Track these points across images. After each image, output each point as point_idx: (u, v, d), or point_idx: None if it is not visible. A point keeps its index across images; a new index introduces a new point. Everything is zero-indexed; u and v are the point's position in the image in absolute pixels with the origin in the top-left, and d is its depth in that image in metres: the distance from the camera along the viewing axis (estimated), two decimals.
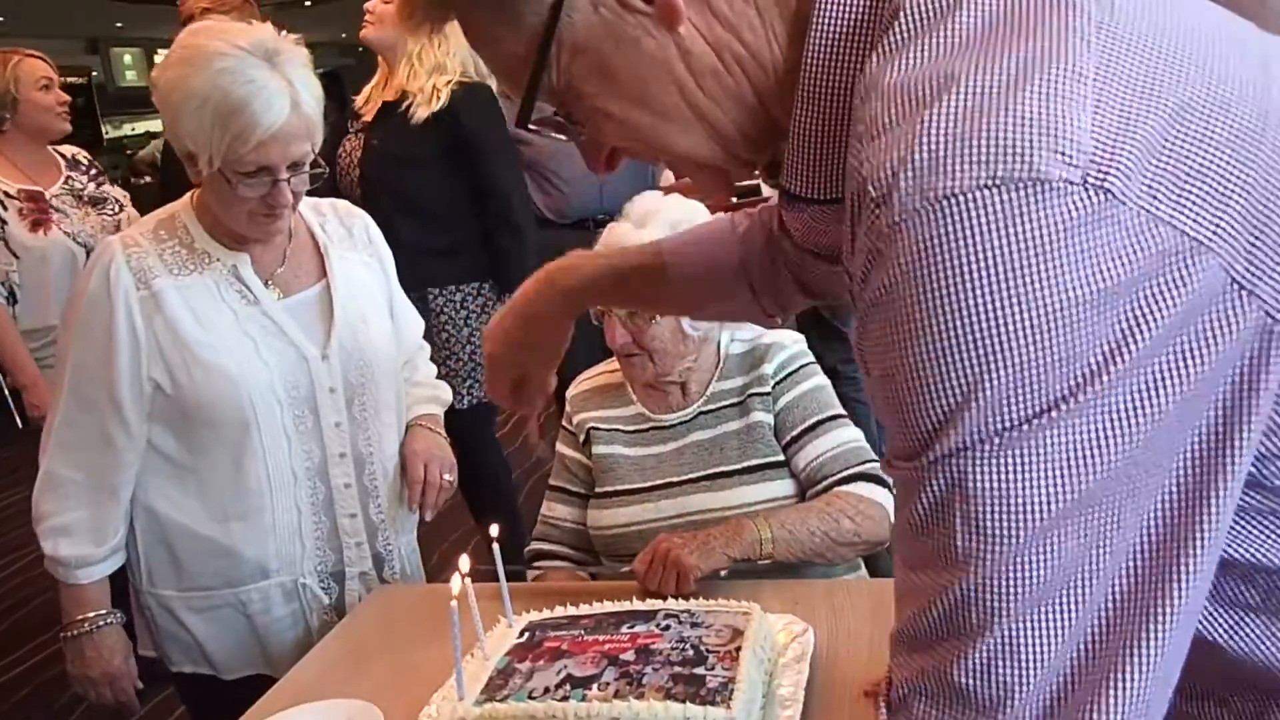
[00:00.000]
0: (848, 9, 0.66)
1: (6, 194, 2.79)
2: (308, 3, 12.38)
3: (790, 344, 1.77)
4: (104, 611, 1.61)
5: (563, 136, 0.76)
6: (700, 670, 1.22)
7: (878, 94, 0.60)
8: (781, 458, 1.70)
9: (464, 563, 1.29)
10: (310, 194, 1.65)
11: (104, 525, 1.59)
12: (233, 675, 1.67)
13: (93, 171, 3.05)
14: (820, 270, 1.00)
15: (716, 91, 0.70)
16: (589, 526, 1.76)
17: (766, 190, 3.42)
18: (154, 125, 11.42)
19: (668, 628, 1.33)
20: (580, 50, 0.69)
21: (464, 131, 2.77)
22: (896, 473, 0.61)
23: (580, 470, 1.81)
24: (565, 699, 1.19)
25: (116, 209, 2.98)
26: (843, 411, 1.73)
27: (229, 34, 1.48)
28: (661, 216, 1.67)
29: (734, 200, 1.50)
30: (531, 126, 0.74)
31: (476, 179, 2.84)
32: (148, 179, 9.02)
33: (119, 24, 13.01)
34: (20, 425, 3.07)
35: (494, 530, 1.42)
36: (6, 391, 2.97)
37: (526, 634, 1.37)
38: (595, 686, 1.21)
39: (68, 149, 3.05)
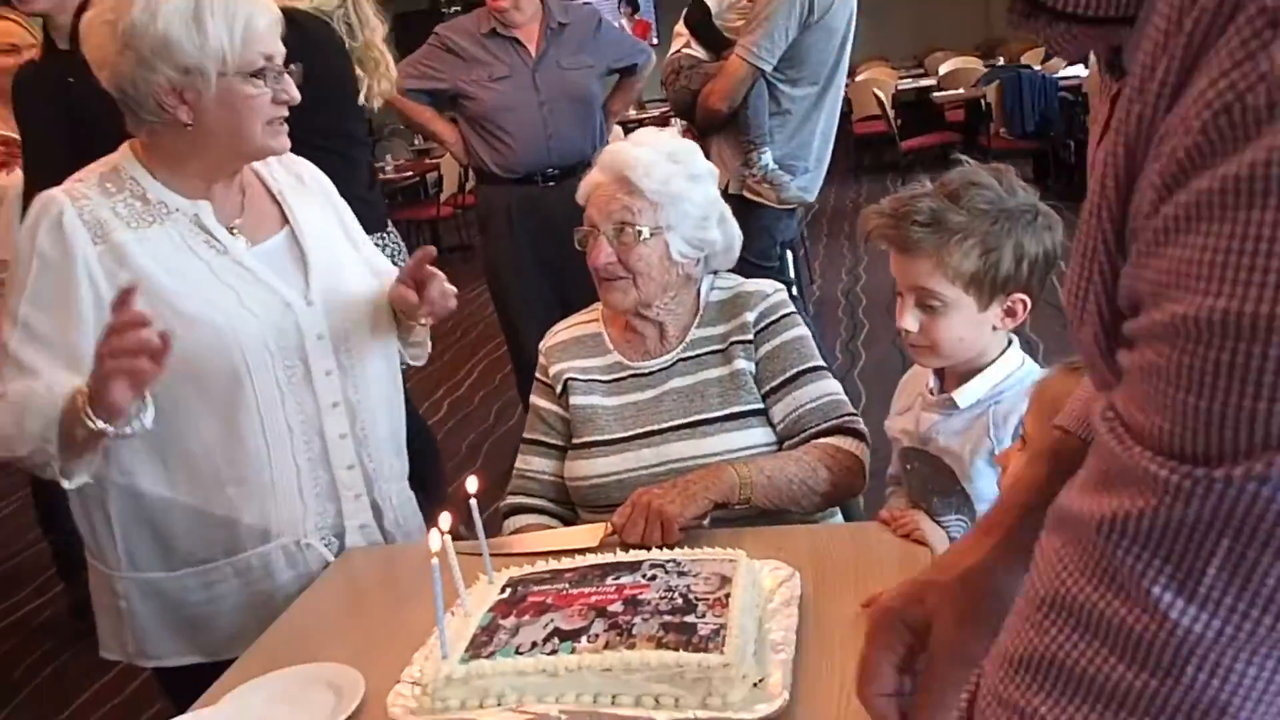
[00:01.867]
0: None
1: None
2: None
3: (772, 292, 1.74)
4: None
5: None
6: (691, 618, 1.20)
7: None
8: (762, 405, 1.68)
9: (444, 519, 1.25)
10: None
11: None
12: (229, 655, 1.48)
13: None
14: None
15: None
16: (567, 478, 1.72)
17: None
18: None
19: (654, 577, 1.31)
20: None
21: None
22: (1137, 460, 0.42)
23: (557, 422, 1.77)
24: (554, 653, 1.16)
25: None
26: (823, 363, 1.71)
27: None
28: (623, 157, 1.65)
29: None
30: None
31: None
32: None
33: None
34: None
35: (472, 485, 1.38)
36: None
37: (509, 590, 1.33)
38: (584, 639, 1.18)
39: None
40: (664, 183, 1.65)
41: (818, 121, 3.30)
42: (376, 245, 2.66)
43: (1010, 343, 1.42)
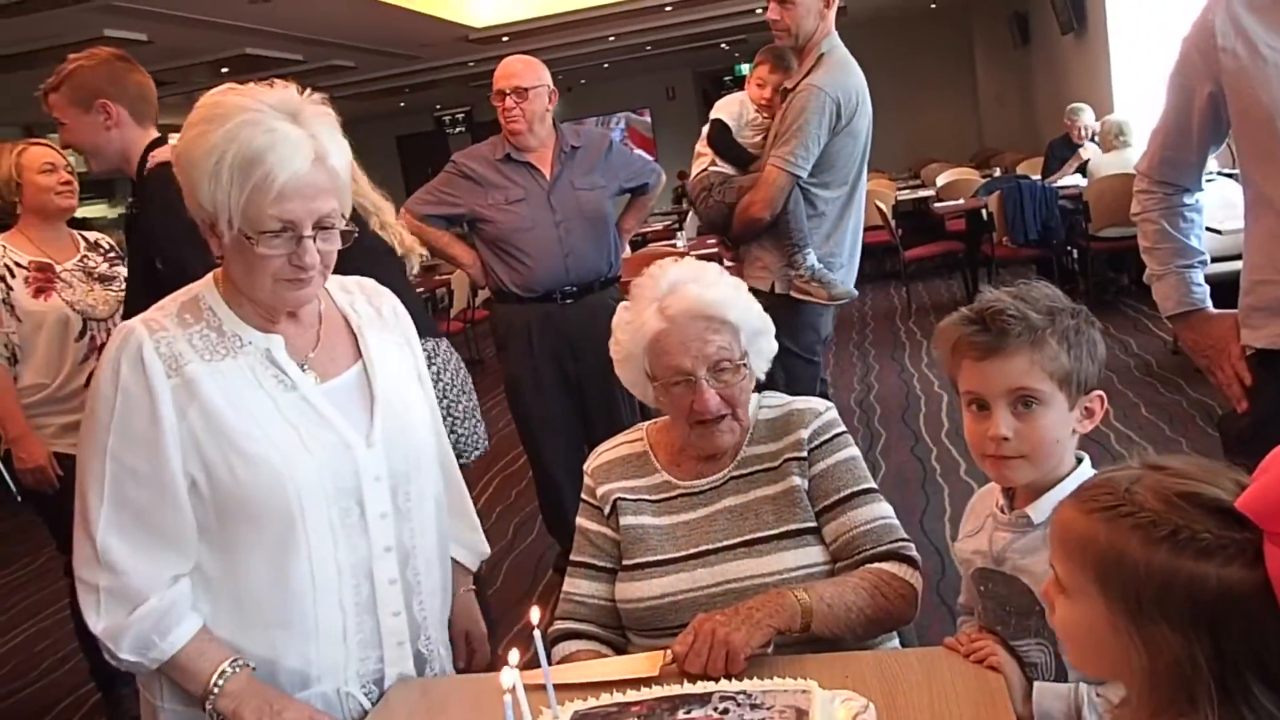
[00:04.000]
0: None
1: (17, 264, 3.03)
2: None
3: (824, 410, 1.73)
4: (226, 660, 1.41)
5: None
6: None
7: None
8: (815, 524, 1.65)
9: (514, 655, 1.21)
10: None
11: (179, 603, 1.41)
12: None
13: (111, 255, 3.26)
14: None
15: None
16: (619, 601, 1.68)
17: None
18: (92, 210, 11.26)
19: (726, 711, 1.26)
20: None
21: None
22: None
23: (605, 544, 1.73)
24: None
25: (123, 285, 3.13)
26: (875, 486, 1.69)
27: (252, 92, 1.41)
28: (697, 299, 1.66)
29: None
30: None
31: None
32: None
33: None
34: (17, 498, 3.23)
35: (534, 616, 1.34)
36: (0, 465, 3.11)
37: None
38: None
39: (92, 234, 3.32)
40: (745, 310, 1.68)
41: (849, 220, 3.41)
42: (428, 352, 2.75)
43: (1080, 460, 1.40)
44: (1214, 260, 2.32)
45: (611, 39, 12.32)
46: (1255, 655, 0.85)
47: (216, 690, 1.40)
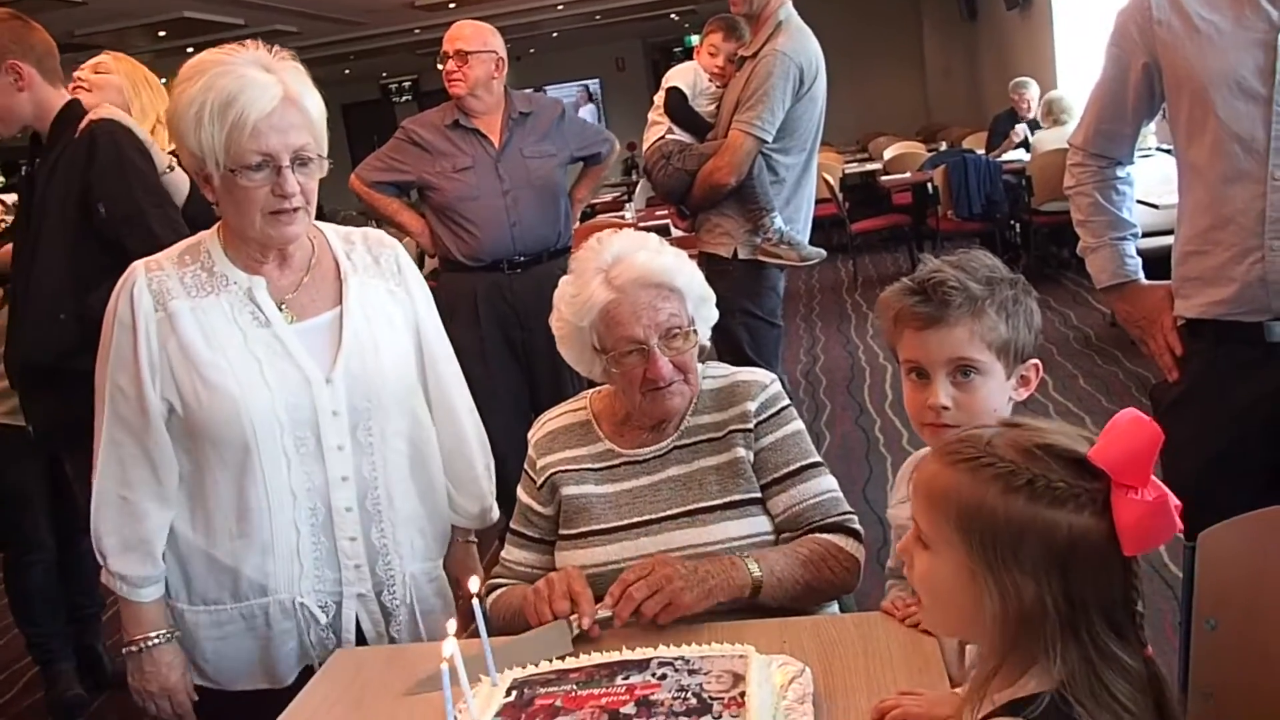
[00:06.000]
0: None
1: None
2: None
3: (769, 383, 1.74)
4: (162, 630, 1.65)
5: None
6: (708, 719, 1.17)
7: None
8: (759, 495, 1.66)
9: (451, 625, 1.21)
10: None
11: (156, 543, 1.62)
12: (235, 687, 1.70)
13: None
14: None
15: None
16: (561, 569, 1.68)
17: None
18: None
19: (664, 676, 1.28)
20: None
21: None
22: None
23: (534, 516, 1.75)
24: None
25: None
26: (821, 460, 1.71)
27: (226, 50, 1.55)
28: (645, 268, 1.64)
29: None
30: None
31: None
32: None
33: None
34: None
35: (473, 585, 1.34)
36: None
37: (515, 692, 1.29)
38: None
39: (10, 196, 3.35)
40: (690, 277, 1.68)
41: (806, 186, 3.45)
42: None
43: None
44: (1150, 235, 2.36)
45: (560, 7, 12.20)
46: (1099, 597, 0.91)
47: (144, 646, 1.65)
